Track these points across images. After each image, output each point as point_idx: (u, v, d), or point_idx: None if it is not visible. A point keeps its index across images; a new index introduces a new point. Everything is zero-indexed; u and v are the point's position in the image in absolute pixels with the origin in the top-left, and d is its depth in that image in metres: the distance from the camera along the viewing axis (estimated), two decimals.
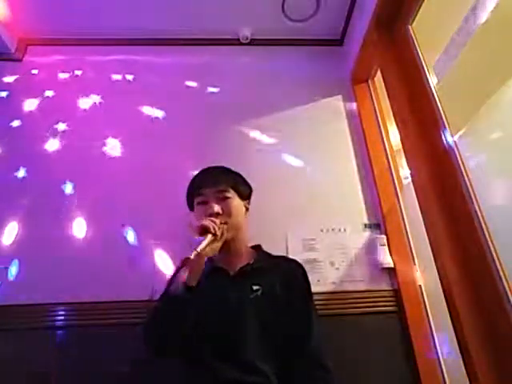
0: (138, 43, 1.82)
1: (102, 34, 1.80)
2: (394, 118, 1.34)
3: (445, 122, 1.15)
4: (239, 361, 0.85)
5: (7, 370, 1.14)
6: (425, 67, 1.26)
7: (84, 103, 1.66)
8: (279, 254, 1.13)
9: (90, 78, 1.73)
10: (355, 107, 1.68)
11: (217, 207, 0.99)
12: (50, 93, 1.68)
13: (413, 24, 1.35)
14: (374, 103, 1.68)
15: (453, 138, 1.13)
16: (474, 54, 1.57)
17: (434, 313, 1.25)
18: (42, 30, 1.77)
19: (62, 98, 1.67)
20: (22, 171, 1.47)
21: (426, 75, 1.25)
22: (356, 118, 1.66)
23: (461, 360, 0.94)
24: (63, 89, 1.69)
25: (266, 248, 1.13)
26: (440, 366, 1.19)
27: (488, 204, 1.02)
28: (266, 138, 1.59)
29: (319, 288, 1.27)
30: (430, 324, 1.24)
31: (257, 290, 0.94)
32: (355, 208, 1.46)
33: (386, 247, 1.35)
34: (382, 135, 1.60)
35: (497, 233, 0.98)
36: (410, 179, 1.24)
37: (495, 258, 0.95)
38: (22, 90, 1.68)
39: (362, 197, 1.48)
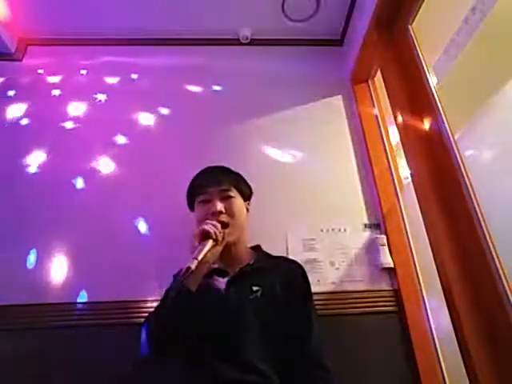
0: (138, 43, 1.82)
1: (102, 34, 1.80)
2: (394, 118, 1.34)
3: (445, 122, 1.15)
4: (239, 361, 0.85)
5: (7, 369, 1.14)
6: (425, 67, 1.26)
7: (84, 103, 1.65)
8: (279, 255, 1.13)
9: (90, 78, 1.73)
10: (355, 107, 1.68)
11: (220, 205, 0.99)
12: (49, 93, 1.67)
13: (413, 24, 1.35)
14: (374, 103, 1.68)
15: (453, 137, 1.13)
16: (474, 54, 1.58)
17: (433, 313, 1.25)
18: (42, 30, 1.77)
19: (61, 98, 1.67)
20: (21, 171, 1.47)
21: (426, 75, 1.25)
22: (356, 118, 1.66)
23: (461, 360, 0.94)
24: (63, 89, 1.69)
25: (265, 248, 1.13)
26: (440, 366, 1.18)
27: (488, 204, 1.02)
28: (266, 138, 1.59)
29: (319, 288, 1.27)
30: (429, 324, 1.24)
31: (257, 290, 0.94)
32: (355, 208, 1.46)
33: (386, 247, 1.35)
34: (381, 135, 1.60)
35: (497, 233, 0.98)
36: (410, 179, 1.24)
37: (495, 257, 0.95)
38: (22, 90, 1.68)
39: (362, 197, 1.48)
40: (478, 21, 1.52)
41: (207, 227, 0.90)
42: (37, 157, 1.51)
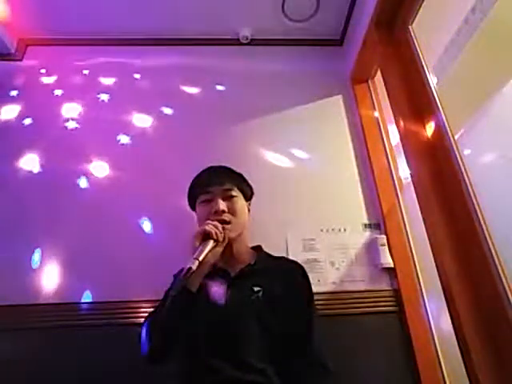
0: (138, 43, 1.82)
1: (102, 34, 1.80)
2: (394, 118, 1.34)
3: (445, 122, 1.15)
4: (240, 360, 0.85)
5: (7, 369, 1.13)
6: (425, 67, 1.26)
7: (85, 103, 1.65)
8: (280, 255, 1.13)
9: (90, 78, 1.73)
10: (355, 107, 1.68)
11: (223, 204, 0.99)
12: (49, 93, 1.68)
13: (413, 24, 1.35)
14: (374, 103, 1.68)
15: (453, 137, 1.13)
16: (474, 54, 1.58)
17: (433, 313, 1.25)
18: (42, 30, 1.77)
19: (61, 98, 1.67)
20: (22, 171, 1.47)
21: (426, 75, 1.25)
22: (356, 117, 1.66)
23: (461, 360, 0.94)
24: (63, 89, 1.69)
25: (266, 248, 1.13)
26: (440, 366, 1.18)
27: (488, 204, 1.02)
28: (266, 138, 1.59)
29: (319, 288, 1.27)
30: (430, 324, 1.24)
31: (257, 290, 0.94)
32: (355, 208, 1.46)
33: (386, 247, 1.35)
34: (381, 135, 1.60)
35: (497, 232, 0.98)
36: (410, 179, 1.24)
37: (495, 257, 0.95)
38: (22, 90, 1.68)
39: (362, 197, 1.48)
40: (477, 21, 1.52)
41: (208, 228, 0.90)
42: (36, 157, 1.51)
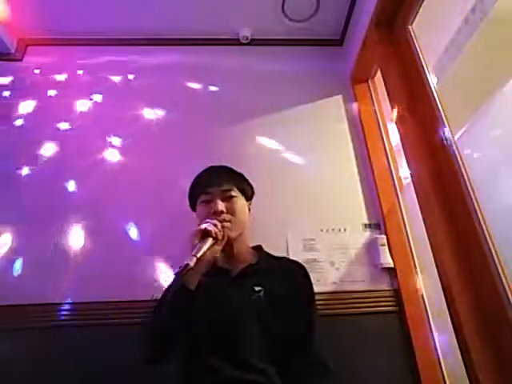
0: (138, 43, 1.82)
1: (101, 34, 1.80)
2: (394, 118, 1.34)
3: (445, 122, 1.15)
4: (240, 360, 0.85)
5: (7, 369, 1.13)
6: (425, 67, 1.26)
7: (84, 103, 1.66)
8: (280, 255, 1.13)
9: (90, 78, 1.73)
10: (355, 107, 1.68)
11: (221, 205, 0.99)
12: (49, 93, 1.68)
13: (413, 24, 1.35)
14: (374, 103, 1.68)
15: (453, 137, 1.13)
16: (474, 53, 1.58)
17: (434, 313, 1.25)
18: (42, 30, 1.77)
19: (61, 98, 1.67)
20: (22, 171, 1.47)
21: (426, 75, 1.25)
22: (356, 117, 1.66)
23: (461, 360, 0.94)
24: (63, 89, 1.69)
25: (266, 248, 1.13)
26: (440, 366, 1.18)
27: (488, 204, 1.02)
28: (266, 138, 1.59)
29: (319, 288, 1.26)
30: (429, 324, 1.24)
31: (258, 290, 0.94)
32: (355, 208, 1.46)
33: (386, 247, 1.35)
34: (381, 135, 1.60)
35: (497, 232, 0.98)
36: (410, 179, 1.24)
37: (495, 257, 0.94)
38: (22, 90, 1.68)
39: (362, 197, 1.48)
40: (477, 21, 1.52)
41: (207, 225, 0.90)
42: (34, 157, 1.51)
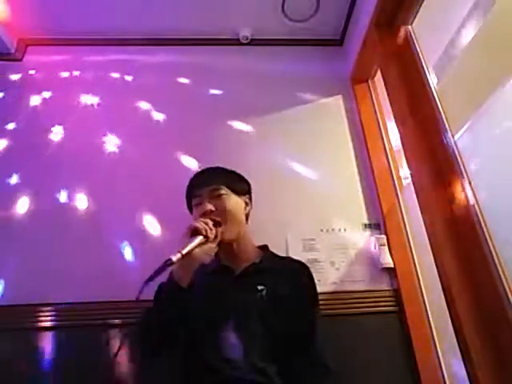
0: (138, 43, 1.82)
1: (101, 34, 1.80)
2: (394, 118, 1.34)
3: (445, 122, 1.15)
4: (241, 360, 0.85)
5: (7, 369, 1.13)
6: (425, 67, 1.26)
7: (84, 103, 1.66)
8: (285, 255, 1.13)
9: (90, 78, 1.73)
10: (355, 107, 1.68)
11: (209, 205, 0.99)
12: (49, 93, 1.68)
13: (413, 24, 1.35)
14: (374, 103, 1.68)
15: (453, 137, 1.13)
16: (474, 53, 1.57)
17: (434, 313, 1.25)
18: (42, 30, 1.77)
19: (61, 98, 1.67)
20: (21, 170, 1.48)
21: (426, 75, 1.25)
22: (356, 117, 1.66)
23: (461, 360, 0.94)
24: (63, 89, 1.69)
25: None
26: (440, 366, 1.18)
27: (488, 203, 1.02)
28: (266, 138, 1.59)
29: (319, 288, 1.22)
30: (430, 324, 1.24)
31: (261, 290, 0.94)
32: (355, 208, 1.46)
33: (386, 247, 1.35)
34: (381, 135, 1.60)
35: (497, 232, 0.98)
36: (410, 179, 1.24)
37: (495, 257, 0.95)
38: (22, 90, 1.68)
39: (362, 197, 1.48)
40: (478, 20, 1.52)
41: (197, 224, 0.90)
42: (32, 158, 1.51)
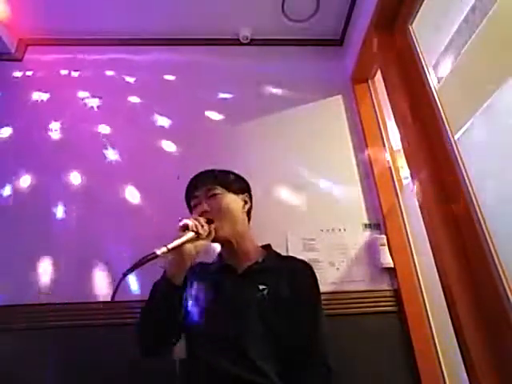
0: (138, 43, 1.82)
1: (102, 34, 1.80)
2: (394, 118, 1.34)
3: (445, 122, 1.15)
4: (241, 359, 0.84)
5: (7, 369, 1.14)
6: (425, 67, 1.26)
7: (84, 103, 1.65)
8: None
9: (90, 78, 1.73)
10: (355, 107, 1.68)
11: (204, 206, 1.00)
12: (49, 93, 1.67)
13: (413, 24, 1.35)
14: (374, 103, 1.68)
15: (453, 137, 1.13)
16: (474, 53, 1.58)
17: (434, 313, 1.25)
18: (42, 30, 1.77)
19: (61, 98, 1.67)
20: (21, 169, 1.48)
21: (426, 75, 1.25)
22: (356, 117, 1.66)
23: (461, 360, 0.94)
24: (63, 89, 1.69)
25: None
26: (440, 366, 1.19)
27: (488, 204, 1.02)
28: (266, 138, 1.59)
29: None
30: (430, 324, 1.24)
31: (263, 289, 0.93)
32: (355, 208, 1.46)
33: (386, 247, 1.35)
34: (382, 135, 1.60)
35: (497, 232, 0.98)
36: (410, 179, 1.24)
37: (495, 257, 0.95)
38: (22, 90, 1.68)
39: (362, 197, 1.48)
40: (478, 20, 1.52)
41: (187, 220, 0.91)
42: (32, 157, 1.51)
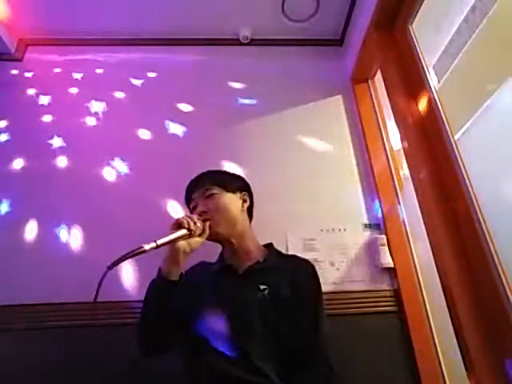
0: (139, 43, 1.82)
1: (102, 34, 1.80)
2: (394, 118, 1.34)
3: (445, 122, 1.15)
4: (241, 360, 0.84)
5: (7, 369, 1.14)
6: (425, 67, 1.26)
7: (84, 103, 1.65)
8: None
9: (90, 78, 1.73)
10: (355, 107, 1.68)
11: (202, 207, 1.00)
12: (49, 93, 1.68)
13: (413, 24, 1.35)
14: (374, 103, 1.68)
15: (453, 137, 1.13)
16: (474, 53, 1.58)
17: (434, 313, 1.25)
18: (42, 30, 1.77)
19: (62, 98, 1.67)
20: (21, 169, 1.48)
21: (426, 75, 1.25)
22: (356, 117, 1.66)
23: (461, 360, 0.94)
24: (63, 89, 1.69)
25: None
26: (440, 365, 1.19)
27: (488, 203, 1.02)
28: (266, 138, 1.59)
29: None
30: (430, 324, 1.24)
31: (264, 289, 0.93)
32: (355, 208, 1.46)
33: (386, 247, 1.35)
34: (382, 135, 1.60)
35: (497, 232, 0.98)
36: (410, 179, 1.24)
37: (495, 257, 0.95)
38: (22, 90, 1.68)
39: (362, 197, 1.48)
40: (478, 20, 1.52)
41: (180, 218, 0.91)
42: (32, 157, 1.51)
